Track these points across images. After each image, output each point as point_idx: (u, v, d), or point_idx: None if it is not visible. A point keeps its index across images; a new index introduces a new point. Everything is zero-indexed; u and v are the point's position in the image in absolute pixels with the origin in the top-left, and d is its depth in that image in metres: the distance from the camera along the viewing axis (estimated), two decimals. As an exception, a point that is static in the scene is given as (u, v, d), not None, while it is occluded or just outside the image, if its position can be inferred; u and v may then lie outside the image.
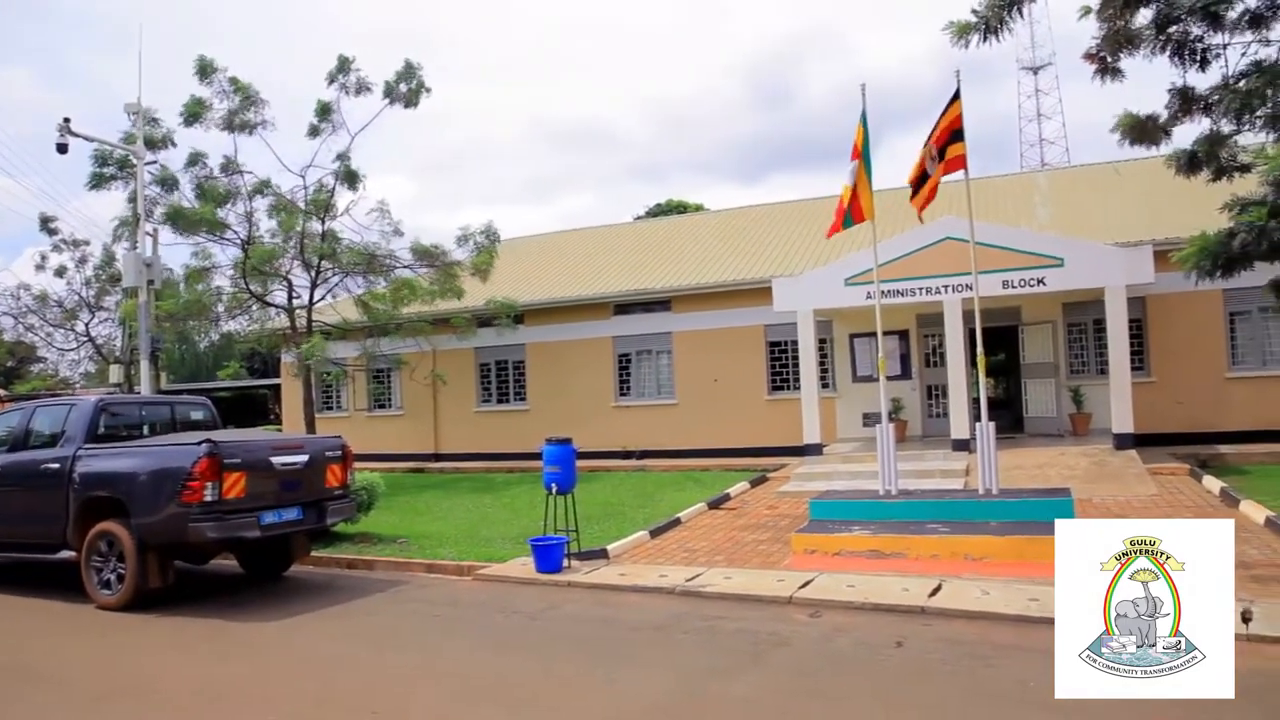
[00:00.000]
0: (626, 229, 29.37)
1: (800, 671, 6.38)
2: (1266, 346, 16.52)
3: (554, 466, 10.03)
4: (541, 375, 21.99)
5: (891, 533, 9.34)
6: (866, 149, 10.74)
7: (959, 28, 9.06)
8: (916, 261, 15.06)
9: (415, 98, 19.10)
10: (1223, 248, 8.14)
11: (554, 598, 8.86)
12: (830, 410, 18.22)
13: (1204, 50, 8.65)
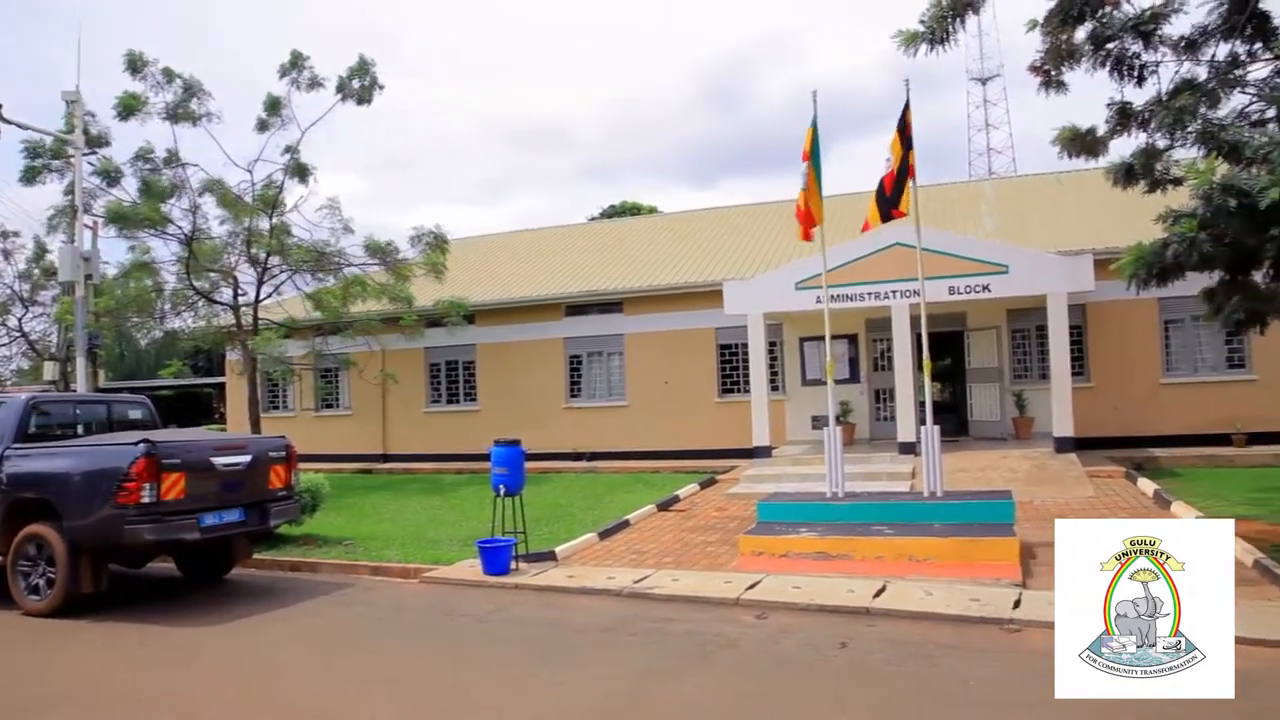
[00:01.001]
0: (579, 230, 29.34)
1: (746, 673, 6.42)
2: (1198, 354, 17.04)
3: (502, 468, 9.98)
4: (492, 376, 21.87)
5: (838, 534, 9.45)
6: (816, 155, 10.85)
7: (907, 37, 9.20)
8: (865, 267, 15.25)
9: (368, 94, 18.85)
10: (1157, 258, 8.37)
11: (501, 600, 8.81)
12: (780, 413, 18.37)
13: (1141, 67, 8.90)
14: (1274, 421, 16.01)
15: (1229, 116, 8.27)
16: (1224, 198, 7.14)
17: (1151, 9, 8.61)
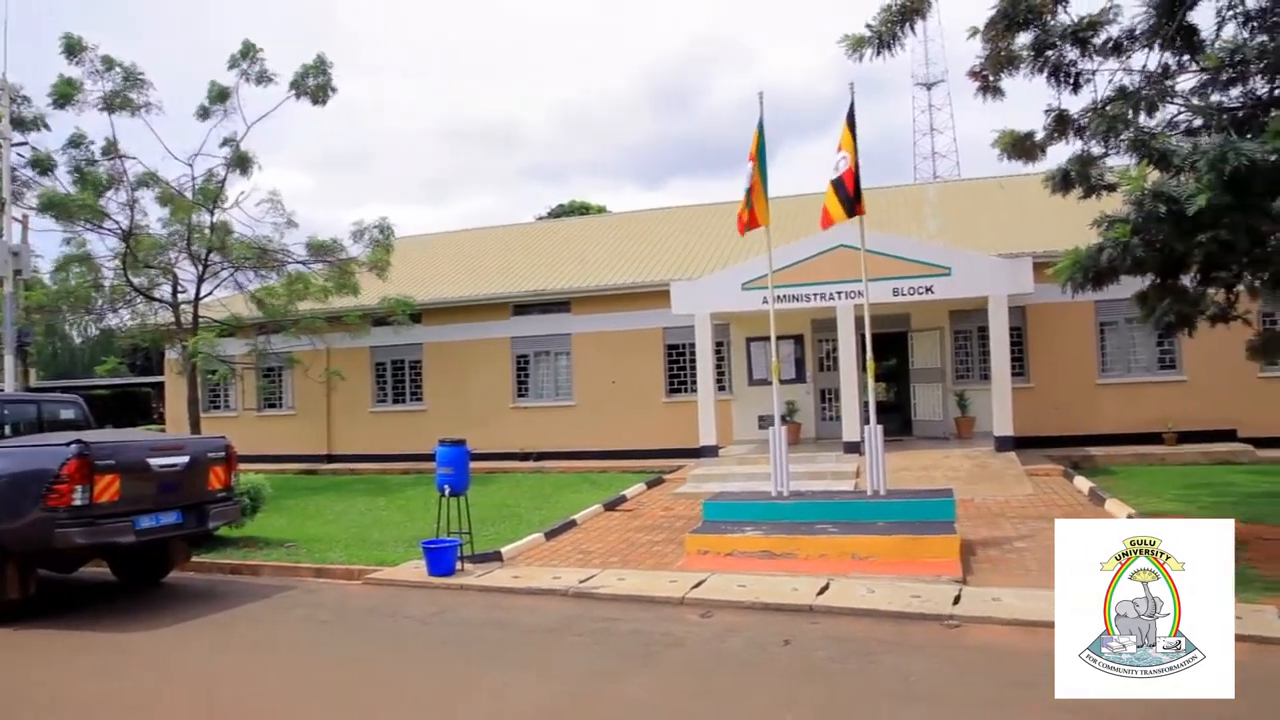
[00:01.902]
0: (527, 229, 29.21)
1: (691, 672, 6.45)
2: (1132, 355, 17.53)
3: (447, 468, 9.90)
4: (439, 375, 21.67)
5: (782, 533, 9.53)
6: (763, 156, 10.93)
7: (853, 41, 9.31)
8: (811, 268, 15.40)
9: (323, 94, 18.52)
10: (1092, 262, 8.56)
11: (446, 601, 8.73)
12: (727, 413, 18.49)
13: (1077, 74, 9.13)
14: (1202, 421, 16.53)
15: (1159, 125, 8.52)
16: (1154, 204, 7.34)
17: (1089, 17, 8.83)
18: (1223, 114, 8.36)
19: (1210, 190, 6.93)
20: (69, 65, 17.33)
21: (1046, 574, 8.53)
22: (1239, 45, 7.97)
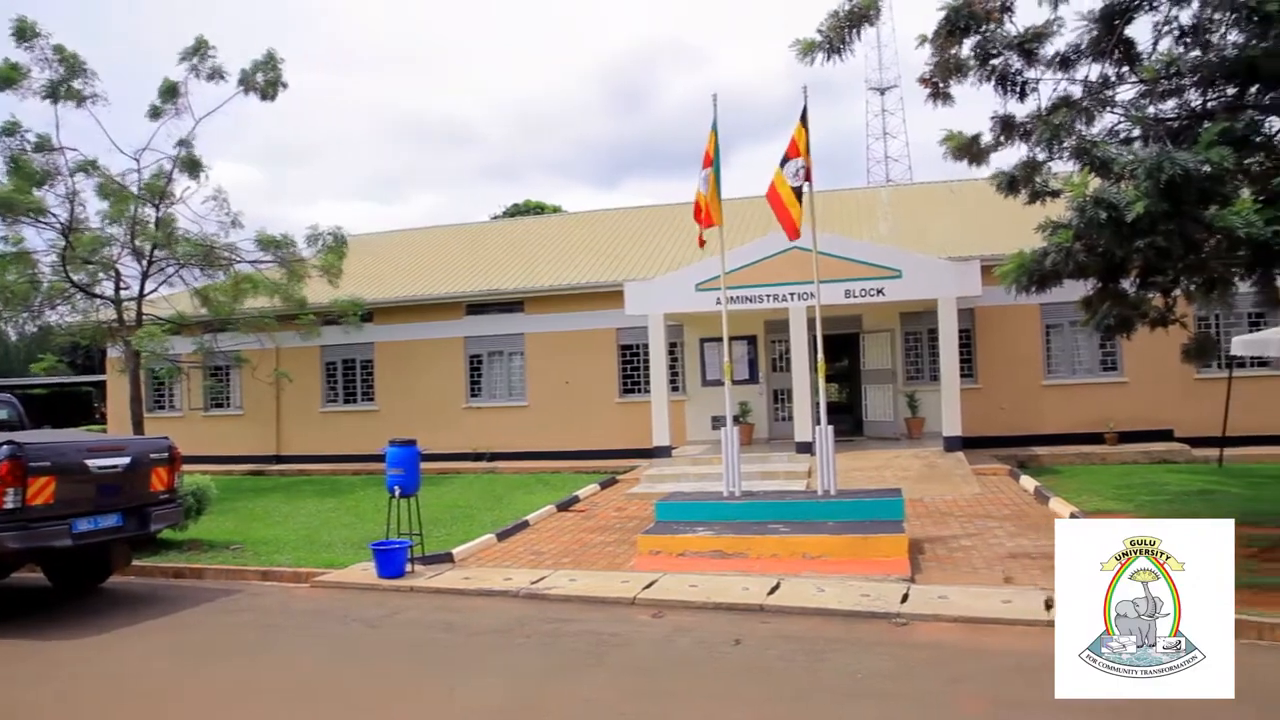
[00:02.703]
0: (481, 228, 29.01)
1: (641, 672, 6.46)
2: (1076, 357, 17.91)
3: (397, 469, 9.80)
4: (390, 375, 21.44)
5: (734, 533, 9.58)
6: (717, 158, 10.99)
7: (805, 45, 9.39)
8: (764, 269, 15.51)
9: (272, 90, 18.19)
10: (1037, 266, 8.73)
11: (395, 604, 8.65)
12: (680, 413, 18.55)
13: (1023, 83, 9.31)
14: (1142, 421, 16.94)
15: (1101, 134, 8.71)
16: (1096, 210, 7.50)
17: (1033, 29, 9.01)
18: (1160, 124, 8.58)
19: (1147, 198, 7.11)
20: (16, 49, 16.89)
21: (992, 572, 8.71)
22: (1174, 59, 8.19)
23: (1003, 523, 11.06)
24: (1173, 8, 8.74)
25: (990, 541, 10.07)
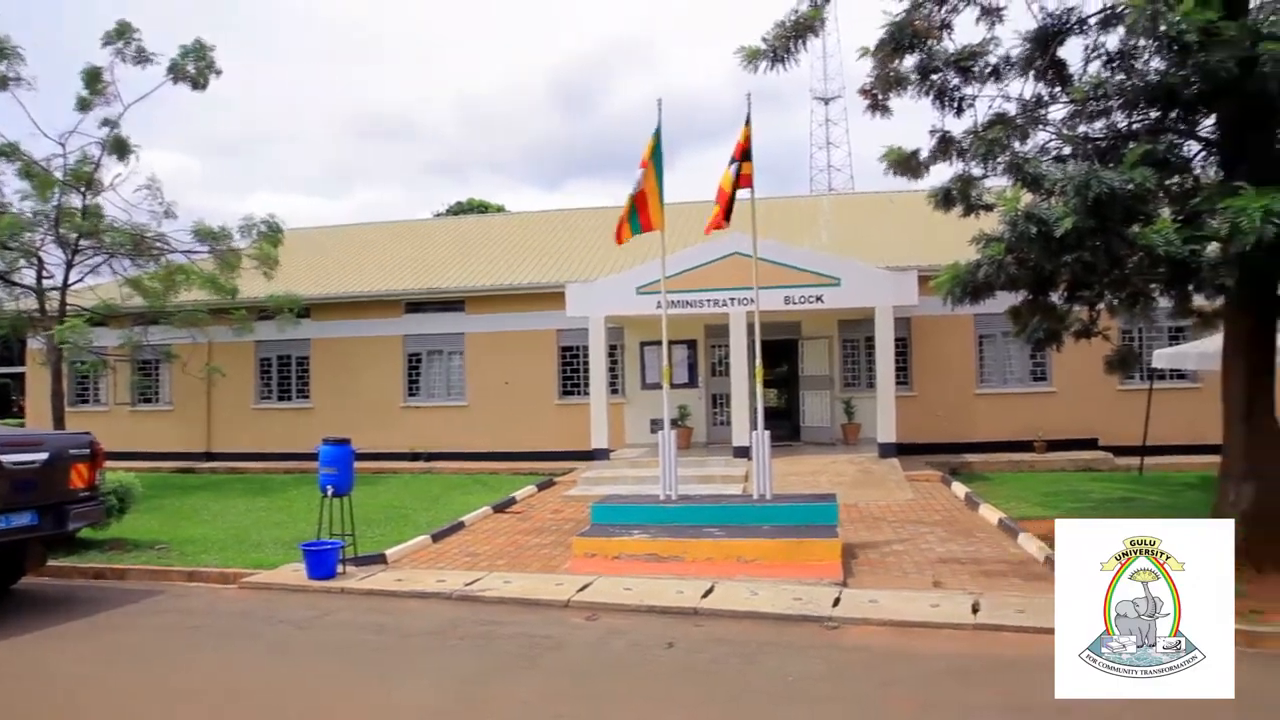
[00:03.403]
0: (424, 226, 28.71)
1: (573, 674, 6.46)
2: (1007, 367, 18.39)
3: (330, 468, 9.63)
4: (327, 372, 21.09)
5: (670, 536, 9.63)
6: (659, 161, 11.02)
7: (749, 53, 9.46)
8: (705, 274, 15.62)
9: (204, 78, 17.72)
10: (970, 277, 8.94)
11: (326, 605, 8.51)
12: (619, 416, 18.57)
13: (960, 99, 9.51)
14: (1069, 430, 17.46)
15: (1033, 151, 8.93)
16: (1026, 225, 7.69)
17: (969, 47, 9.22)
18: (1088, 144, 8.83)
19: (1075, 214, 7.31)
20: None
21: (922, 576, 8.88)
22: (1101, 82, 8.44)
23: (934, 528, 11.29)
24: (1101, 33, 9.02)
25: (921, 546, 10.27)
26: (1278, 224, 6.54)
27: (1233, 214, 6.77)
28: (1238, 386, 8.81)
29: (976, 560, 9.49)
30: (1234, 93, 7.43)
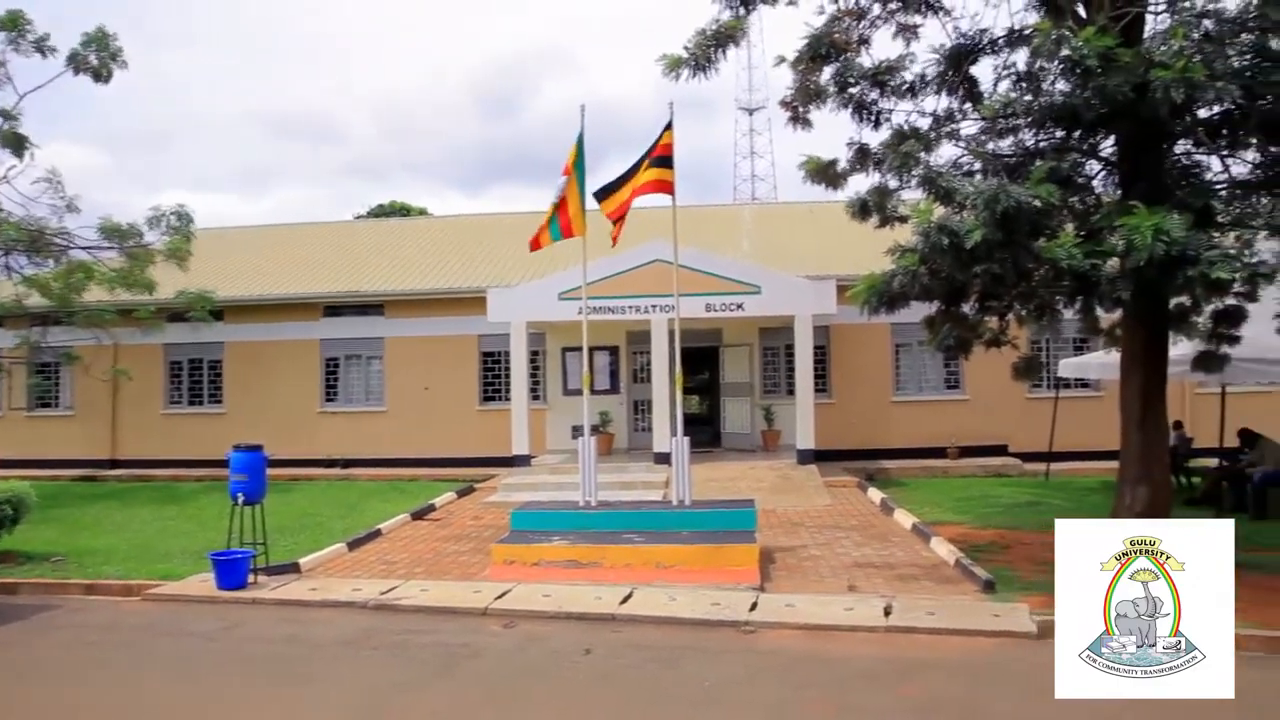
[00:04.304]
0: (343, 228, 28.16)
1: (489, 682, 6.40)
2: (923, 375, 18.87)
3: (241, 475, 9.36)
4: (241, 376, 20.49)
5: (589, 542, 9.60)
6: (581, 167, 11.03)
7: (671, 61, 9.55)
8: (627, 281, 15.67)
9: (106, 69, 17.04)
10: (886, 287, 9.15)
11: (235, 616, 8.27)
12: (540, 422, 18.49)
13: (878, 112, 9.75)
14: (981, 437, 17.99)
15: (946, 165, 9.21)
16: (939, 236, 7.92)
17: (886, 62, 9.46)
18: (997, 160, 9.16)
19: (985, 227, 7.57)
20: None
21: (838, 580, 9.03)
22: (1010, 100, 8.77)
23: (850, 533, 11.50)
24: (1011, 53, 9.36)
25: (838, 551, 10.45)
26: (1167, 242, 6.88)
27: (1128, 231, 7.09)
28: (1134, 395, 9.21)
29: (890, 564, 9.70)
30: (1130, 115, 7.79)
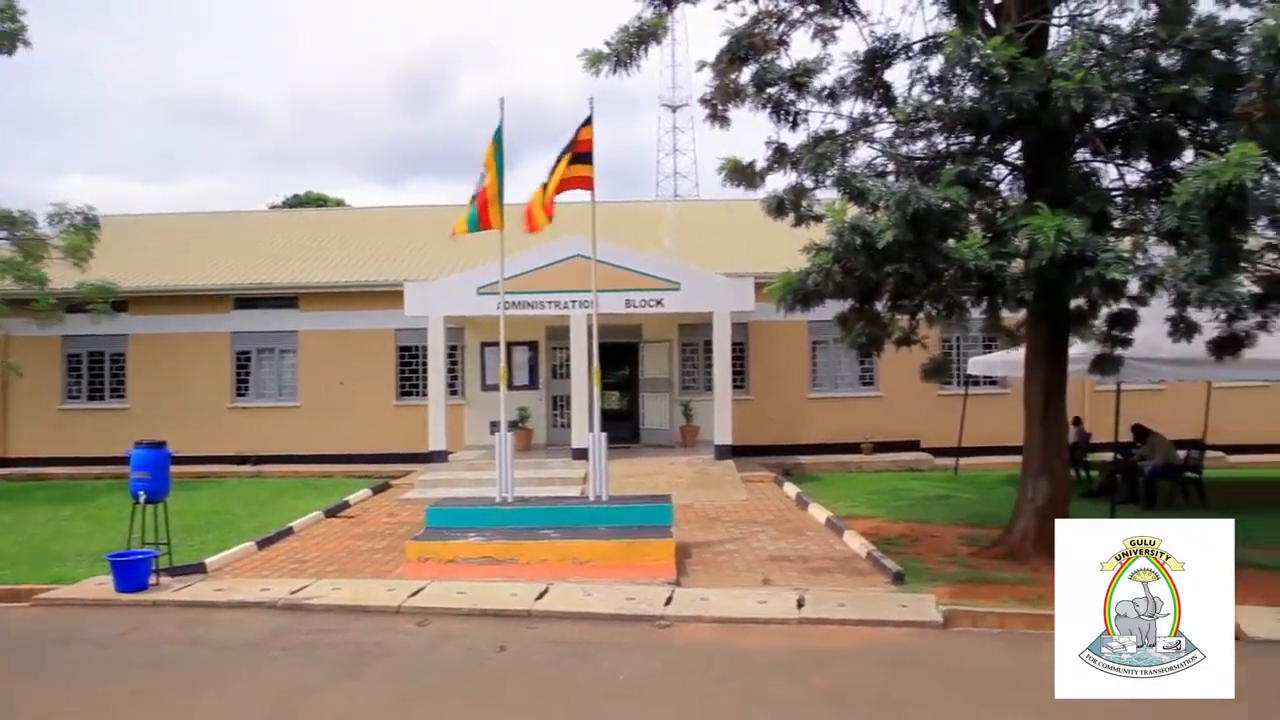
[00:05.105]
0: (257, 217, 27.33)
1: (400, 681, 6.31)
2: (838, 372, 19.23)
3: (143, 472, 9.00)
4: (146, 371, 19.73)
5: (505, 539, 9.55)
6: (500, 161, 10.94)
7: (592, 56, 9.52)
8: (547, 276, 15.60)
9: (9, 43, 16.22)
10: (801, 285, 9.30)
11: (134, 620, 7.96)
12: (458, 418, 18.27)
13: (795, 113, 9.89)
14: (894, 433, 18.43)
15: (860, 166, 9.40)
16: (852, 236, 8.09)
17: (804, 63, 9.60)
18: (910, 162, 9.38)
19: (896, 227, 7.76)
20: None
21: (753, 574, 9.16)
22: (922, 105, 9.00)
23: (766, 527, 11.67)
24: (925, 59, 9.59)
25: (754, 545, 10.59)
26: (1069, 242, 7.15)
27: (1031, 232, 7.35)
28: (1037, 392, 9.56)
29: (804, 558, 9.88)
30: (1034, 123, 8.07)
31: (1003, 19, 8.71)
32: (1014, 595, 7.92)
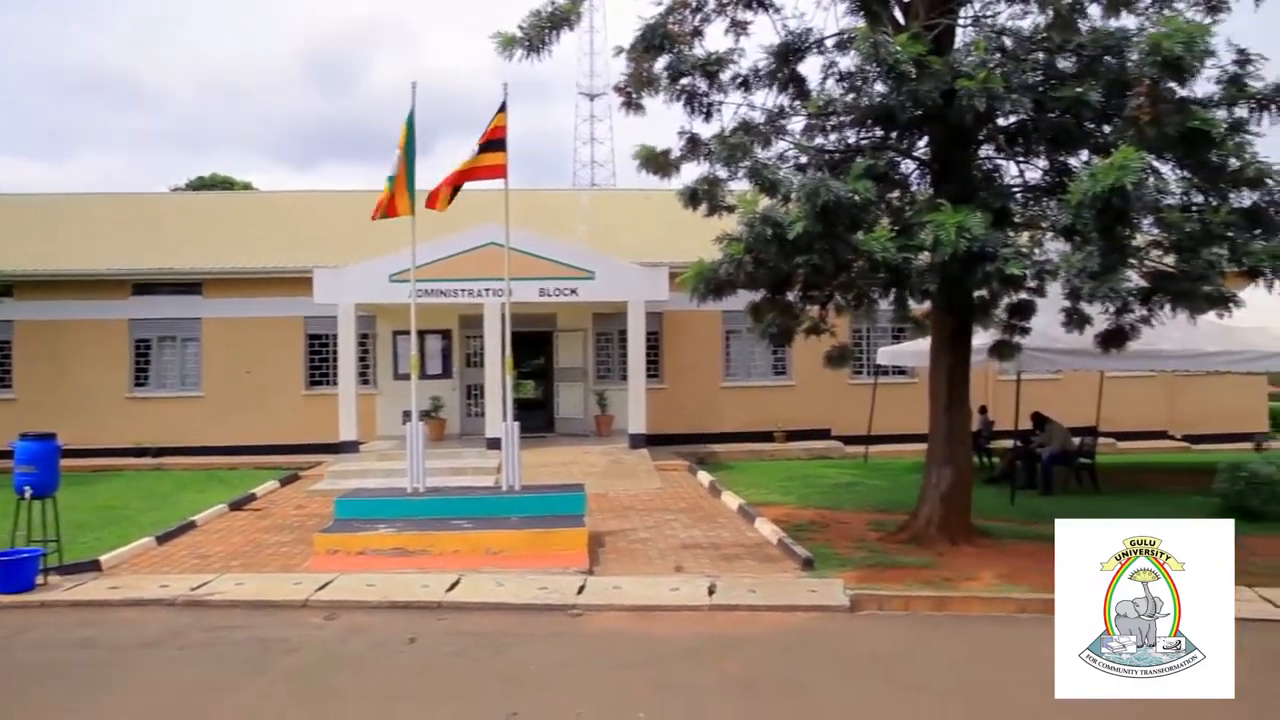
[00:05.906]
0: (157, 200, 26.26)
1: (306, 677, 6.18)
2: (752, 362, 19.49)
3: (28, 466, 8.56)
4: (34, 359, 18.79)
5: (416, 530, 9.41)
6: (411, 146, 10.74)
7: (505, 39, 9.41)
8: (460, 263, 15.38)
9: None
10: (713, 275, 9.39)
11: (18, 622, 7.59)
12: (370, 407, 17.91)
13: (709, 104, 9.95)
14: (806, 421, 18.79)
15: (774, 158, 9.52)
16: (763, 227, 8.20)
17: (717, 54, 9.66)
18: (821, 155, 9.55)
19: (806, 219, 7.88)
20: None
21: (666, 562, 9.23)
22: (833, 99, 9.17)
23: (679, 515, 11.76)
24: (837, 54, 9.75)
25: (667, 533, 10.67)
26: (969, 239, 7.37)
27: (935, 227, 7.55)
28: (941, 381, 9.84)
29: (717, 545, 9.99)
30: (940, 119, 8.29)
31: (911, 17, 8.90)
32: (918, 579, 8.16)
